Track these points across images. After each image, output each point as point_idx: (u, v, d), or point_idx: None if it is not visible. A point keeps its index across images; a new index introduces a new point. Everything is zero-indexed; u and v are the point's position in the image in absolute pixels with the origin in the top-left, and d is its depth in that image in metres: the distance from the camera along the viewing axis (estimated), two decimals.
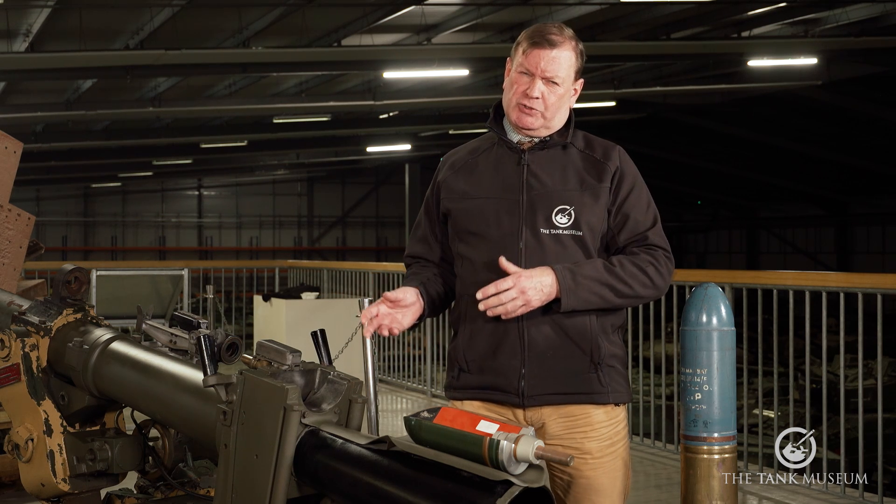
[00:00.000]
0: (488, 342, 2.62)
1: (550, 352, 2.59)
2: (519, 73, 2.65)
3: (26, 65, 13.94)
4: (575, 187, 2.63)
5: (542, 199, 2.62)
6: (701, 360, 2.63)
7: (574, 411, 2.62)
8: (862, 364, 5.75)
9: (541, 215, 2.61)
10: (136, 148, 23.86)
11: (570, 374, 2.60)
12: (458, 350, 2.69)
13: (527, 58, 2.63)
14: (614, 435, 2.65)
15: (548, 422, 2.63)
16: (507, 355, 2.60)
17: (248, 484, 2.02)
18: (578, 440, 2.62)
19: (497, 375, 2.62)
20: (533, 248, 2.60)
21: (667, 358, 6.40)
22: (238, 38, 13.68)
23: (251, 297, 10.79)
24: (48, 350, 2.63)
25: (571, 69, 2.65)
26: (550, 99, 2.63)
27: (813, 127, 23.32)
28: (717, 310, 2.63)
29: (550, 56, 2.62)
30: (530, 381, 2.59)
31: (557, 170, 2.65)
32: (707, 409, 2.63)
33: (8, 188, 4.31)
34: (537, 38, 2.63)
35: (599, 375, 2.61)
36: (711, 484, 2.64)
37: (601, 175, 2.65)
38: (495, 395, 2.63)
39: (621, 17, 14.35)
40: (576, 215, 2.60)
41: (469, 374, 2.67)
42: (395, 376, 9.48)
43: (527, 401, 2.60)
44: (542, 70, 2.61)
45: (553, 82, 2.63)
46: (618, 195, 2.65)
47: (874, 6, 13.92)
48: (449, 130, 23.76)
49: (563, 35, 2.65)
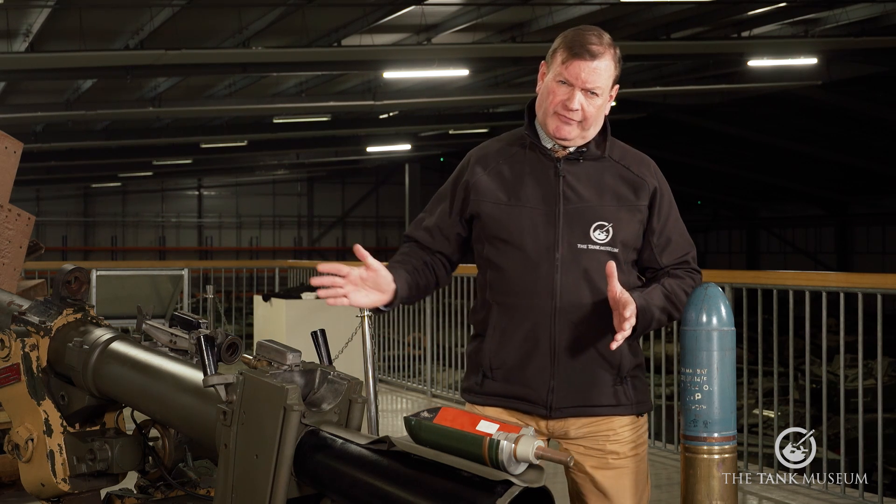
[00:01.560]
0: (518, 352, 2.60)
1: (579, 365, 2.58)
2: (557, 82, 2.58)
3: (26, 65, 13.94)
4: (611, 202, 2.60)
5: (580, 213, 2.59)
6: (701, 360, 2.62)
7: (597, 420, 2.65)
8: (862, 364, 5.75)
9: (578, 229, 2.58)
10: (136, 148, 23.87)
11: (597, 386, 2.61)
12: (485, 356, 2.65)
13: (566, 69, 2.55)
14: (637, 438, 2.69)
15: (571, 430, 2.65)
16: (537, 367, 2.58)
17: (248, 484, 2.02)
18: (601, 442, 2.65)
19: (525, 386, 2.60)
20: (569, 262, 2.57)
21: (667, 358, 6.39)
22: (238, 38, 13.67)
23: (251, 297, 10.79)
24: (48, 350, 2.62)
25: (610, 79, 2.60)
26: (589, 110, 2.57)
27: (813, 127, 23.32)
28: (717, 310, 2.62)
29: (591, 67, 2.54)
30: (559, 393, 2.59)
31: (594, 183, 2.62)
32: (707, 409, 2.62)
33: (8, 188, 4.31)
34: (578, 49, 2.55)
35: (624, 388, 2.64)
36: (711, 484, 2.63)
37: (638, 192, 2.63)
38: (522, 405, 2.62)
39: (621, 17, 14.35)
40: (613, 232, 2.59)
41: (494, 381, 2.65)
42: (395, 376, 9.49)
43: (554, 413, 2.60)
44: (583, 82, 2.55)
45: (593, 93, 2.56)
46: (659, 216, 2.65)
47: (874, 6, 13.93)
48: (449, 130, 23.77)
49: (602, 44, 2.57)
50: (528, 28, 14.55)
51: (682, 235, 2.70)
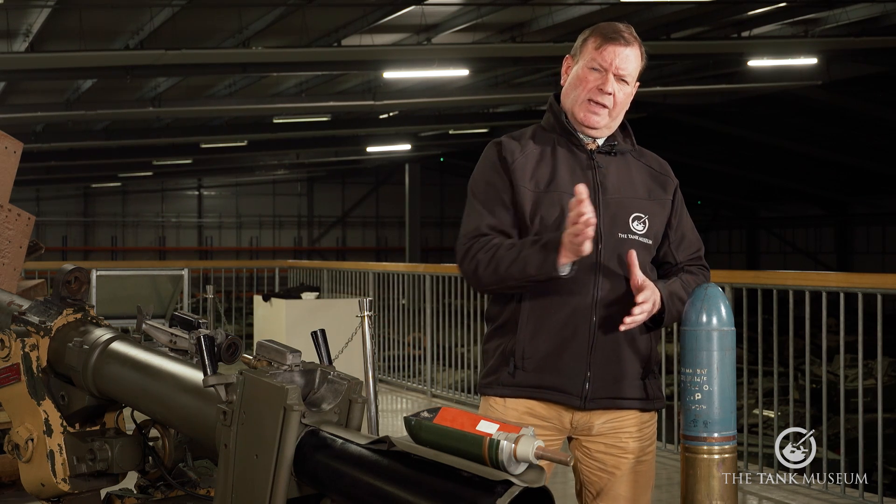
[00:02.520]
0: (554, 341, 2.57)
1: (614, 355, 2.59)
2: (589, 69, 2.58)
3: (26, 65, 13.94)
4: (644, 196, 2.65)
5: (618, 204, 2.61)
6: (701, 360, 2.63)
7: (623, 414, 2.66)
8: (862, 364, 5.75)
9: (619, 220, 2.60)
10: (136, 148, 23.87)
11: (626, 379, 2.62)
12: (519, 346, 2.59)
13: (601, 53, 2.57)
14: (651, 435, 2.73)
15: (595, 423, 2.65)
16: (574, 357, 2.57)
17: (248, 484, 2.02)
18: (623, 440, 2.66)
19: (561, 376, 2.58)
20: (610, 251, 2.57)
21: (667, 358, 6.39)
22: (238, 38, 13.68)
23: (251, 297, 10.79)
24: (48, 350, 2.62)
25: (637, 70, 2.63)
26: (619, 97, 2.59)
27: (813, 127, 23.32)
28: (717, 310, 2.62)
29: (625, 53, 2.57)
30: (595, 383, 2.58)
31: (626, 176, 2.65)
32: (707, 409, 2.62)
33: (8, 188, 4.31)
34: (612, 35, 2.59)
35: (647, 382, 2.67)
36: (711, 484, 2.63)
37: (665, 187, 2.69)
38: (556, 396, 2.59)
39: (621, 18, 14.31)
40: (649, 224, 2.63)
41: (525, 371, 2.60)
42: (395, 376, 9.49)
43: (588, 404, 2.59)
44: (617, 67, 2.56)
45: (624, 80, 2.59)
46: (676, 212, 2.71)
47: (874, 6, 13.93)
48: (449, 130, 23.77)
49: (632, 34, 2.63)
50: (528, 28, 14.55)
51: (693, 232, 2.76)
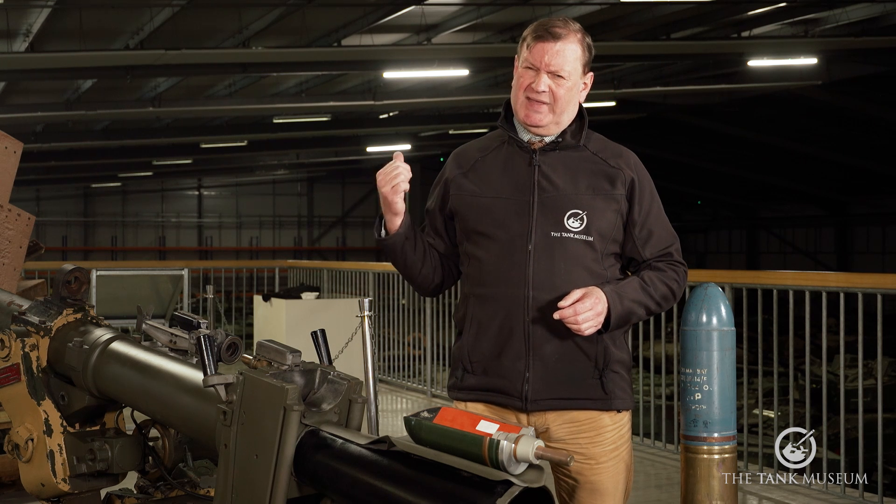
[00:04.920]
0: (494, 343, 2.58)
1: (556, 356, 2.55)
2: (524, 68, 2.61)
3: (26, 65, 13.95)
4: (586, 191, 2.59)
5: (554, 201, 2.58)
6: (701, 360, 2.63)
7: (578, 416, 2.59)
8: (862, 364, 5.75)
9: (552, 218, 2.57)
10: (136, 148, 23.88)
11: (575, 379, 2.57)
12: (463, 350, 2.64)
13: (531, 52, 2.59)
14: (618, 439, 2.63)
15: (552, 427, 2.60)
16: (512, 358, 2.56)
17: (248, 484, 2.02)
18: (583, 445, 2.59)
19: (501, 378, 2.57)
20: (542, 250, 2.55)
21: (667, 358, 6.39)
22: (238, 38, 13.67)
23: (251, 297, 10.79)
24: (48, 350, 2.62)
25: (578, 62, 2.61)
26: (559, 92, 2.58)
27: (813, 127, 23.32)
28: (717, 310, 2.63)
29: (555, 49, 2.58)
30: (534, 385, 2.55)
31: (569, 172, 2.61)
32: (707, 409, 2.63)
33: (8, 188, 4.31)
34: (541, 32, 2.60)
35: (603, 382, 2.58)
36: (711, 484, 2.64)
37: (613, 181, 2.62)
38: (498, 398, 2.59)
39: (621, 17, 14.35)
40: (587, 220, 2.57)
41: (473, 375, 2.62)
42: (395, 376, 9.48)
43: (530, 405, 2.56)
44: (547, 64, 2.57)
45: (559, 76, 2.58)
46: (641, 208, 2.63)
47: (874, 6, 13.93)
48: (449, 130, 23.76)
49: (567, 28, 2.61)
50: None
51: (664, 228, 2.68)
